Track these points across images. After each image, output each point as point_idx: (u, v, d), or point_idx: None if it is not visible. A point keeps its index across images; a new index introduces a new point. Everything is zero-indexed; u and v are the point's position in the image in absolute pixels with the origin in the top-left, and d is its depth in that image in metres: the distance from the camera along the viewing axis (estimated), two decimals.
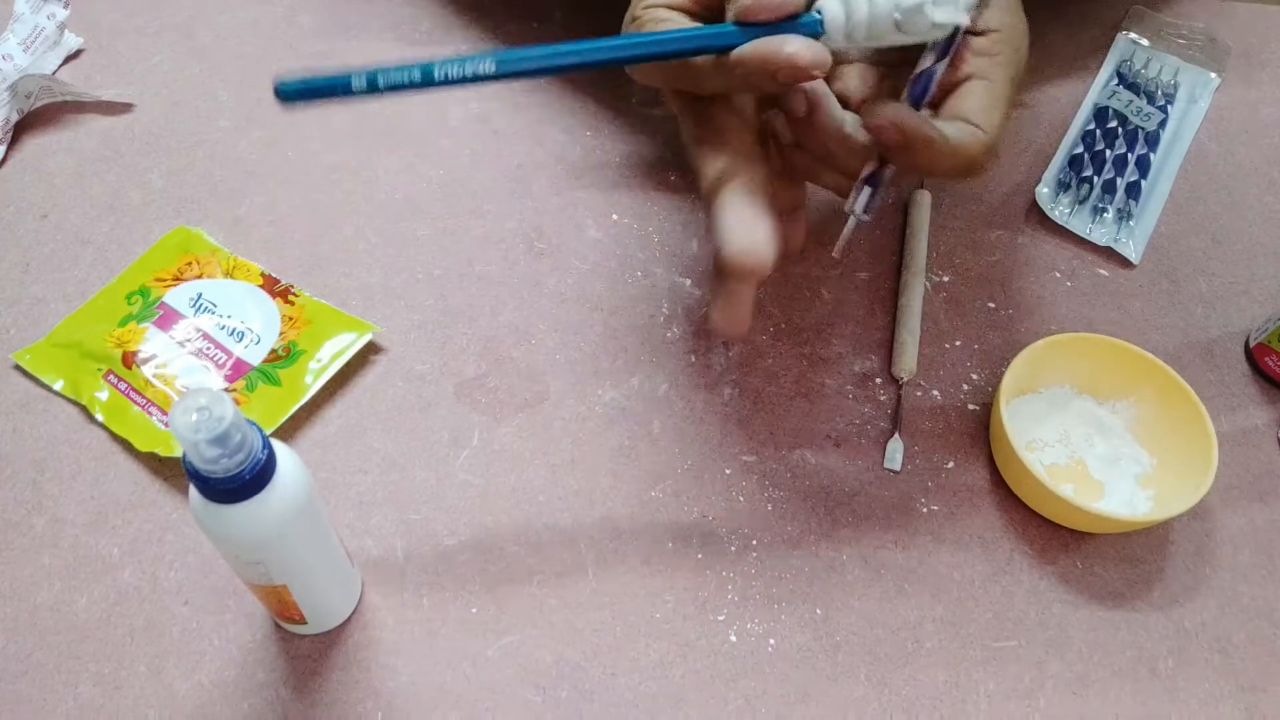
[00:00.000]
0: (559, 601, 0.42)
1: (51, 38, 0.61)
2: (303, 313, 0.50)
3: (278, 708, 0.39)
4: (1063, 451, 0.47)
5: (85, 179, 0.56)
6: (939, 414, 0.49)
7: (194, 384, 0.47)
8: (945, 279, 0.54)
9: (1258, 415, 0.50)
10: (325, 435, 0.47)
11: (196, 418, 0.28)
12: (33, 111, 0.59)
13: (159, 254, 0.52)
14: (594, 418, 0.48)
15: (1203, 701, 0.41)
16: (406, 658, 0.41)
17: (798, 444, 0.48)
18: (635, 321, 0.52)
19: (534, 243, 0.55)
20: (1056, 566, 0.44)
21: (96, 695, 0.39)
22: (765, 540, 0.44)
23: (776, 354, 0.51)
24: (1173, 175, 0.60)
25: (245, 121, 0.60)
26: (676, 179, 0.58)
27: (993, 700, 0.41)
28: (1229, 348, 0.53)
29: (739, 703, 0.40)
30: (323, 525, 0.36)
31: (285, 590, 0.36)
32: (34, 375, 0.48)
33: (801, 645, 0.42)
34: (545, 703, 0.40)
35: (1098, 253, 0.56)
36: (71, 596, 0.42)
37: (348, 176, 0.57)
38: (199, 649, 0.40)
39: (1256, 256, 0.57)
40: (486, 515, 0.45)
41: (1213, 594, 0.44)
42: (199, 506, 0.32)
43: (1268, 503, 0.47)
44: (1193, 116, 0.63)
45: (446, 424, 0.47)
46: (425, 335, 0.50)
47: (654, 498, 0.46)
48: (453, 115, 0.60)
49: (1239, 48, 0.67)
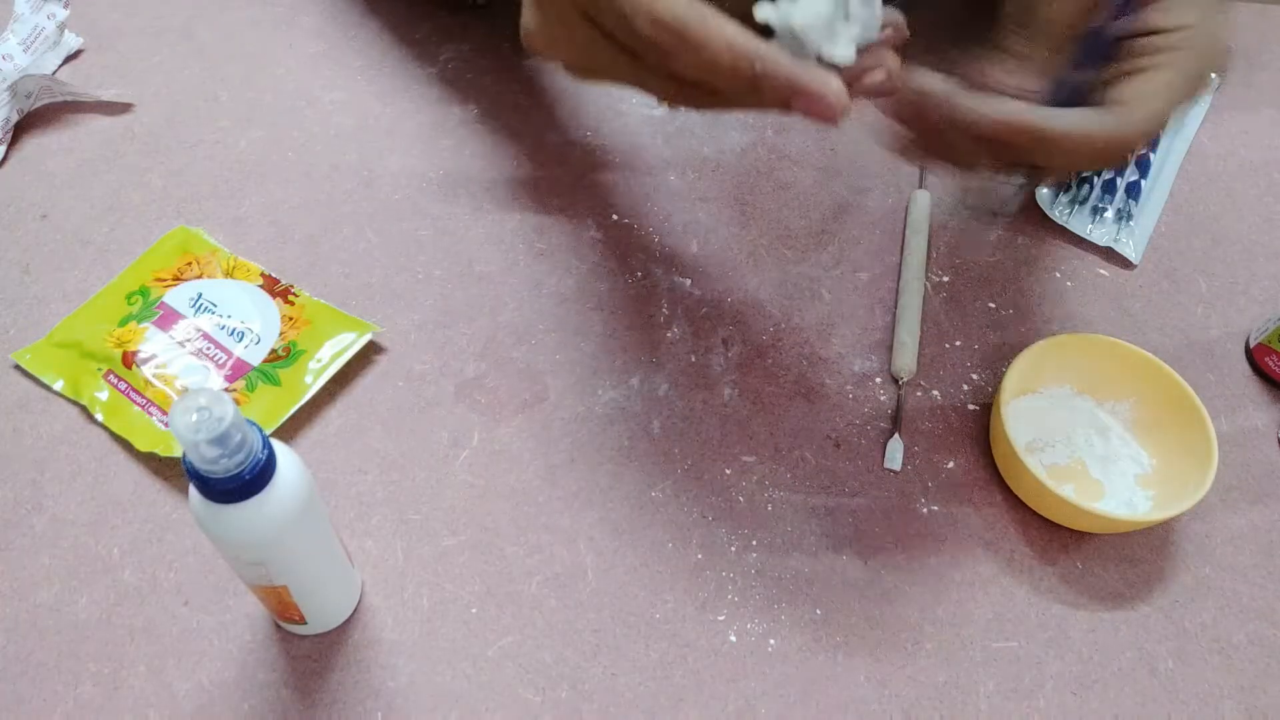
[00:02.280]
0: (559, 601, 0.42)
1: (51, 38, 0.61)
2: (303, 313, 0.50)
3: (278, 708, 0.39)
4: (1063, 451, 0.47)
5: (85, 179, 0.56)
6: (939, 414, 0.49)
7: (194, 384, 0.47)
8: (945, 279, 0.54)
9: (1258, 415, 0.50)
10: (325, 435, 0.47)
11: (196, 418, 0.28)
12: (33, 111, 0.59)
13: (159, 254, 0.52)
14: (594, 418, 0.48)
15: (1203, 701, 0.41)
16: (406, 658, 0.41)
17: (798, 444, 0.48)
18: (635, 321, 0.52)
19: (534, 243, 0.55)
20: (1056, 566, 0.44)
21: (96, 695, 0.39)
22: (765, 540, 0.44)
23: (776, 354, 0.51)
24: (1173, 175, 0.60)
25: (245, 121, 0.60)
26: (676, 179, 0.58)
27: (993, 700, 0.41)
28: (1229, 348, 0.53)
29: (739, 703, 0.40)
30: (323, 525, 0.36)
31: (285, 590, 0.36)
32: (34, 375, 0.48)
33: (801, 645, 0.42)
34: (544, 703, 0.40)
35: (1098, 253, 0.56)
36: (71, 596, 0.42)
37: (348, 176, 0.57)
38: (199, 649, 0.40)
39: (1256, 256, 0.57)
40: (486, 515, 0.45)
41: (1213, 594, 0.44)
42: (199, 506, 0.32)
43: (1268, 503, 0.47)
44: (1193, 117, 0.63)
45: (446, 424, 0.47)
46: (425, 335, 0.50)
47: (654, 498, 0.46)
48: (453, 115, 0.60)
49: (1239, 48, 0.67)
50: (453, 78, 0.63)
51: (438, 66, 0.63)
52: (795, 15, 0.33)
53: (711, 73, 0.33)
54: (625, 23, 0.34)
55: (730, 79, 0.33)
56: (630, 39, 0.35)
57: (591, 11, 0.36)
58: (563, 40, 0.39)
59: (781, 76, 0.32)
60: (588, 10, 0.36)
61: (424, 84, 0.62)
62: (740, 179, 0.59)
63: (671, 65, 0.34)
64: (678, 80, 0.36)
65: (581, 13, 0.37)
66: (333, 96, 0.61)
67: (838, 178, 0.59)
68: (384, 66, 0.63)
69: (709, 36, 0.33)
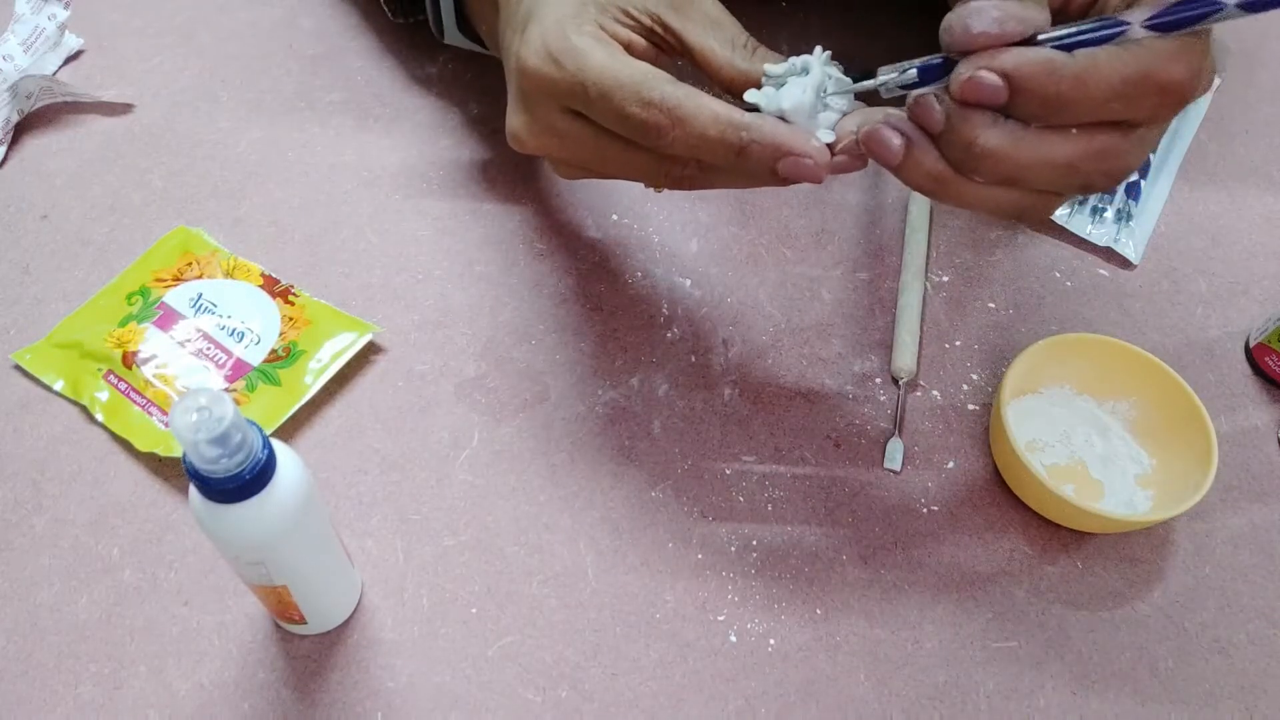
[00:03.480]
0: (559, 601, 0.42)
1: (52, 38, 0.61)
2: (303, 313, 0.50)
3: (278, 708, 0.39)
4: (1063, 451, 0.47)
5: (85, 179, 0.56)
6: (939, 414, 0.49)
7: (194, 384, 0.47)
8: (945, 279, 0.54)
9: (1258, 415, 0.50)
10: (325, 435, 0.47)
11: (196, 418, 0.28)
12: (33, 112, 0.59)
13: (159, 254, 0.52)
14: (594, 418, 0.48)
15: (1203, 701, 0.41)
16: (406, 658, 0.41)
17: (798, 444, 0.48)
18: (635, 321, 0.52)
19: (534, 243, 0.55)
20: (1056, 566, 0.44)
21: (96, 695, 0.39)
22: (765, 540, 0.44)
23: (776, 354, 0.51)
24: (1172, 175, 0.60)
25: (245, 121, 0.60)
26: None
27: (993, 700, 0.41)
28: (1229, 348, 0.53)
29: (739, 703, 0.40)
30: (323, 525, 0.36)
31: (285, 590, 0.36)
32: (34, 375, 0.48)
33: (801, 645, 0.42)
34: (545, 703, 0.40)
35: (1098, 253, 0.56)
36: (71, 596, 0.42)
37: (348, 176, 0.57)
38: (199, 649, 0.40)
39: (1256, 256, 0.57)
40: (486, 515, 0.45)
41: (1213, 594, 0.44)
42: (199, 506, 0.32)
43: (1268, 503, 0.47)
44: (1192, 116, 0.63)
45: (446, 424, 0.47)
46: (425, 335, 0.50)
47: (654, 498, 0.46)
48: (453, 115, 0.60)
49: (1239, 48, 0.67)
50: (453, 78, 0.63)
51: (438, 66, 0.63)
52: (783, 100, 0.36)
53: (701, 145, 0.35)
54: (614, 109, 0.36)
55: (720, 148, 0.35)
56: (620, 125, 0.37)
57: (578, 106, 0.38)
58: (550, 138, 0.41)
59: (768, 139, 0.34)
60: (573, 106, 0.38)
61: (424, 84, 0.62)
62: None
63: (662, 143, 0.36)
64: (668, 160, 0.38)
65: (565, 109, 0.39)
66: (332, 96, 0.61)
67: (838, 178, 0.59)
68: (384, 66, 0.63)
69: (699, 110, 0.35)
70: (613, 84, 0.36)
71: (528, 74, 0.39)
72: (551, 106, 0.39)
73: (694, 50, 0.39)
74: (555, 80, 0.37)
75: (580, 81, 0.37)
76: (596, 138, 0.39)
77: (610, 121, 0.37)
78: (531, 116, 0.41)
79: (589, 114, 0.38)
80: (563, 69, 0.37)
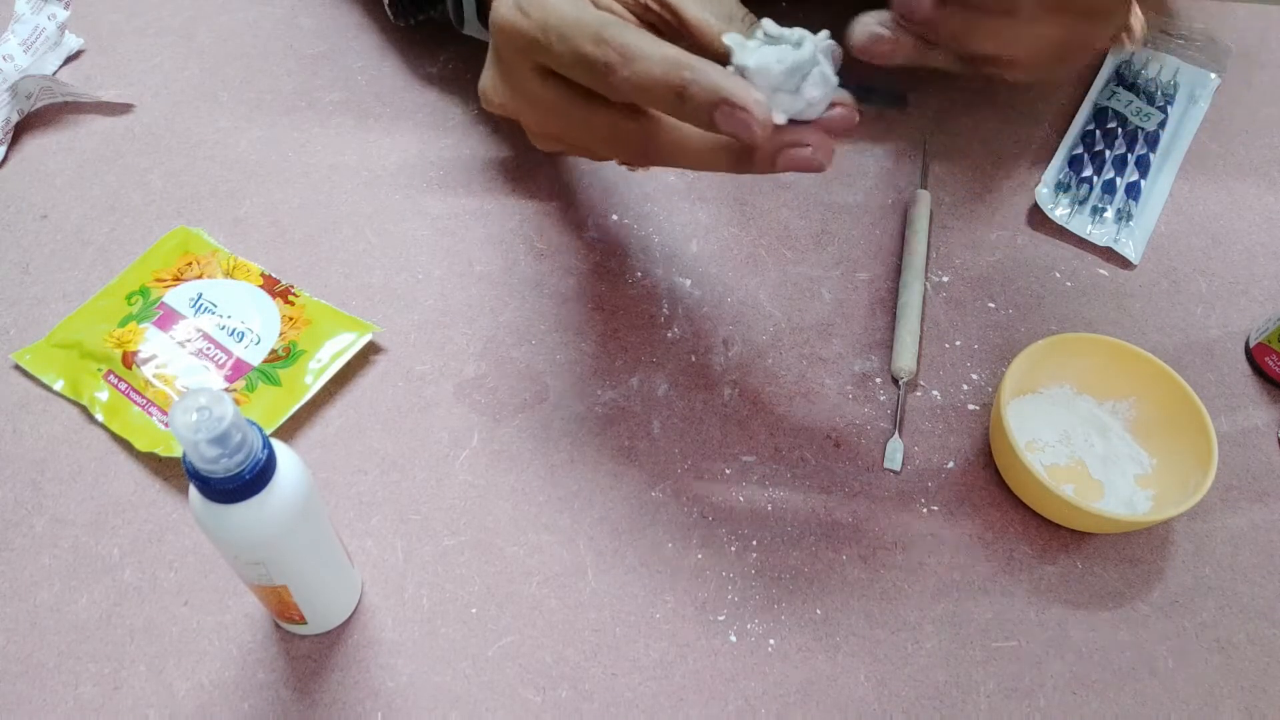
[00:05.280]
0: (558, 601, 0.42)
1: (52, 38, 0.61)
2: (303, 313, 0.50)
3: (278, 708, 0.39)
4: (1063, 451, 0.47)
5: (85, 179, 0.56)
6: (939, 414, 0.49)
7: (194, 384, 0.47)
8: (945, 279, 0.54)
9: (1258, 415, 0.50)
10: (325, 435, 0.47)
11: (196, 418, 0.28)
12: (33, 112, 0.59)
13: (159, 254, 0.52)
14: (593, 418, 0.48)
15: (1203, 701, 0.41)
16: (406, 658, 0.41)
17: (798, 444, 0.48)
18: (635, 321, 0.52)
19: (534, 243, 0.55)
20: (1056, 566, 0.44)
21: (96, 695, 0.39)
22: (765, 540, 0.44)
23: (776, 354, 0.51)
24: (1173, 175, 0.60)
25: (245, 121, 0.60)
26: (676, 179, 0.58)
27: (993, 700, 0.41)
28: (1229, 348, 0.53)
29: (739, 703, 0.40)
30: (323, 525, 0.36)
31: (285, 590, 0.36)
32: (34, 375, 0.48)
33: (801, 645, 0.42)
34: (544, 703, 0.40)
35: (1098, 253, 0.56)
36: (71, 596, 0.42)
37: (348, 176, 0.57)
38: (199, 649, 0.40)
39: (1256, 256, 0.57)
40: (486, 515, 0.45)
41: (1213, 594, 0.44)
42: (199, 506, 0.32)
43: (1268, 503, 0.47)
44: (1193, 116, 0.63)
45: (446, 424, 0.47)
46: (425, 335, 0.50)
47: (654, 498, 0.46)
48: (453, 116, 0.60)
49: (1239, 48, 0.67)
50: (452, 77, 0.63)
51: (438, 66, 0.63)
52: (750, 58, 0.35)
53: (648, 86, 0.35)
54: (570, 48, 0.37)
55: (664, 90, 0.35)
56: (576, 67, 0.37)
57: (541, 56, 0.39)
58: (521, 100, 0.42)
59: (708, 82, 0.34)
60: (538, 58, 0.39)
61: (424, 84, 0.62)
62: (740, 179, 0.59)
63: (612, 81, 0.36)
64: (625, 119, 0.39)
65: (534, 65, 0.40)
66: (333, 96, 0.61)
67: (838, 178, 0.59)
68: (384, 66, 0.63)
69: (650, 49, 0.35)
70: (572, 25, 0.37)
71: (499, 27, 0.39)
72: (521, 63, 0.40)
73: (689, 23, 0.39)
74: (522, 29, 0.38)
75: (543, 26, 0.37)
76: (559, 98, 0.39)
77: (568, 65, 0.38)
78: (499, 72, 0.42)
79: (550, 62, 0.38)
80: (528, 17, 0.38)
